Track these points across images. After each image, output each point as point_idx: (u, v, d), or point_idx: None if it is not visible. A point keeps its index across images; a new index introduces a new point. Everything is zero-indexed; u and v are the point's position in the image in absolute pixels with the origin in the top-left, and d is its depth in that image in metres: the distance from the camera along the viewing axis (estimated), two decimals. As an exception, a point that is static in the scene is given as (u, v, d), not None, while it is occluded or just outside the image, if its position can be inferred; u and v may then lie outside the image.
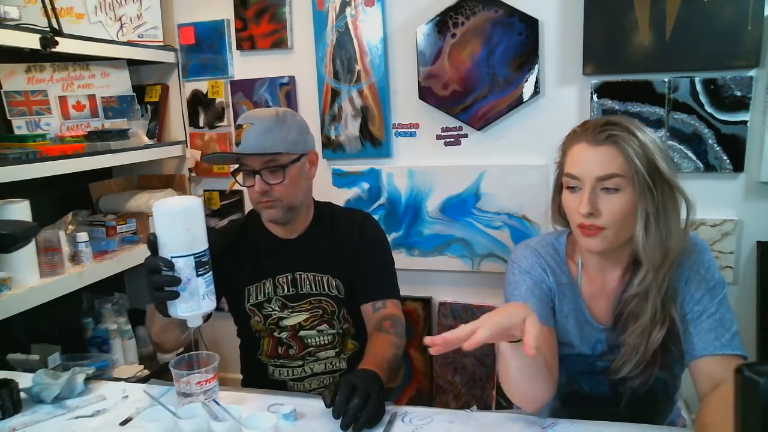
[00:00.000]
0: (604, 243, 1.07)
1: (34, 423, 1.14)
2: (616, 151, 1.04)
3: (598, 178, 1.04)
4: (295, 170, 1.37)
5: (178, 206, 1.01)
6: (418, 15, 2.15)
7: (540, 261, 1.19)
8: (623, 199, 1.04)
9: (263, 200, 1.36)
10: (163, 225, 1.01)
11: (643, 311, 1.09)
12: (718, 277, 1.11)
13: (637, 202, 1.04)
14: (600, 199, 1.05)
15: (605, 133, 1.05)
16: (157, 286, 1.01)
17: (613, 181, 1.04)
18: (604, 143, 1.05)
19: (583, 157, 1.07)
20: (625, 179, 1.04)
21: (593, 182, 1.05)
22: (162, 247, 1.01)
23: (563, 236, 1.22)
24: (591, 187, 1.05)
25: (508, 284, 1.22)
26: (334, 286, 1.43)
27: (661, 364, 1.12)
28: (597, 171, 1.04)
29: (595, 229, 1.05)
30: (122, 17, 2.31)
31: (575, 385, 1.20)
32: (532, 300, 1.15)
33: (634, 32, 1.93)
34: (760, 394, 0.62)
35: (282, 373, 1.46)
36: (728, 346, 1.04)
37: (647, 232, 1.05)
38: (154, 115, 2.51)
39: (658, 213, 1.05)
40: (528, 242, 1.25)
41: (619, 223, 1.05)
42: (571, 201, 1.09)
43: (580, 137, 1.08)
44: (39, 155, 1.79)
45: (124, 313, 2.33)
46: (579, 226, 1.08)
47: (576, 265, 1.19)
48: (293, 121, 1.39)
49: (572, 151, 1.09)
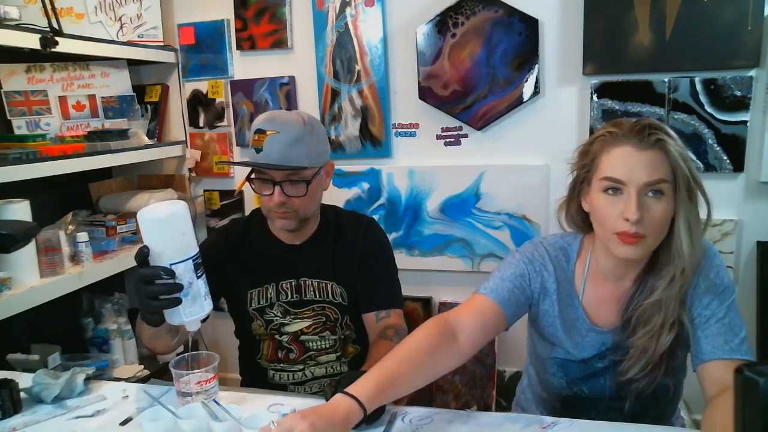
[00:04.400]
0: (643, 250, 1.04)
1: (34, 423, 1.14)
2: (663, 155, 1.01)
3: (647, 184, 1.01)
4: (316, 183, 1.33)
5: (171, 212, 0.99)
6: (418, 15, 2.15)
7: (543, 261, 1.18)
8: (665, 204, 1.02)
9: (279, 211, 1.31)
10: (157, 233, 0.99)
11: (655, 315, 1.07)
12: (728, 281, 1.10)
13: (679, 208, 1.02)
14: (644, 205, 1.02)
15: (653, 137, 1.01)
16: (154, 296, 0.99)
17: (659, 186, 1.01)
18: (651, 147, 1.01)
19: (628, 161, 1.02)
20: (669, 185, 1.02)
21: (640, 187, 1.01)
22: (158, 256, 0.99)
23: (576, 242, 1.20)
24: (638, 193, 1.01)
25: (504, 261, 1.21)
26: (338, 293, 1.42)
27: (666, 370, 1.11)
28: (645, 176, 1.01)
29: (637, 236, 1.02)
30: (122, 17, 2.31)
31: (575, 388, 1.20)
32: (507, 285, 1.15)
33: (634, 32, 1.93)
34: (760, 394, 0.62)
35: (282, 377, 1.45)
36: (737, 351, 1.04)
37: (691, 238, 1.03)
38: (154, 115, 2.51)
39: (697, 217, 1.04)
40: (541, 240, 1.23)
41: (659, 230, 1.03)
42: (611, 206, 1.04)
43: (621, 140, 1.04)
44: (39, 155, 1.79)
45: (124, 313, 2.33)
46: (620, 233, 1.03)
47: (583, 271, 1.17)
48: (319, 132, 1.34)
49: (613, 154, 1.05)
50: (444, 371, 1.08)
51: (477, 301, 1.15)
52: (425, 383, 1.05)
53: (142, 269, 1.00)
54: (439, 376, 1.08)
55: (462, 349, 1.08)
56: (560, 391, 1.21)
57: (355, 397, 0.93)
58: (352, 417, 0.92)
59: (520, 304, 1.16)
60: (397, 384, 0.99)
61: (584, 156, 1.12)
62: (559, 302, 1.17)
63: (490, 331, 1.13)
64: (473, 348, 1.10)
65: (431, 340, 1.05)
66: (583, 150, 1.13)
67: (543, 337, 1.21)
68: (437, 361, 1.05)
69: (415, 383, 1.02)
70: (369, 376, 0.98)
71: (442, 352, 1.05)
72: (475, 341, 1.10)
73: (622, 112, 1.99)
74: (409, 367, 1.01)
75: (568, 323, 1.17)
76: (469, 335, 1.09)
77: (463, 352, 1.08)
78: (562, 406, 1.22)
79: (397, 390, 1.00)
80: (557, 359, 1.18)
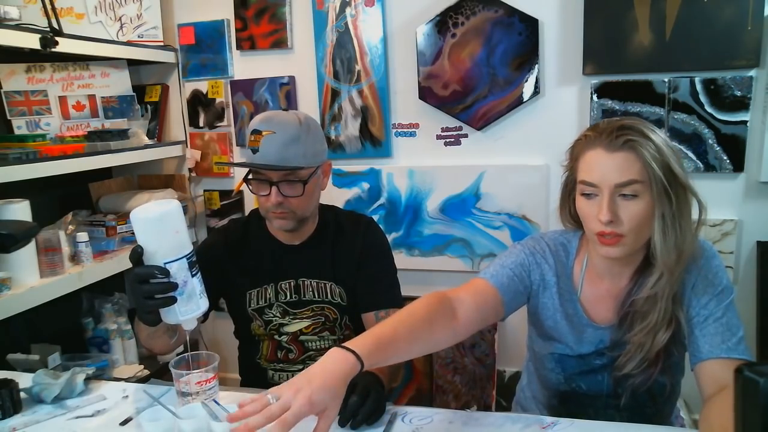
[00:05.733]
0: (623, 250, 1.06)
1: (34, 423, 1.14)
2: (634, 156, 1.02)
3: (617, 185, 1.02)
4: (313, 183, 1.33)
5: (164, 211, 0.99)
6: (418, 15, 2.15)
7: (544, 254, 1.19)
8: (641, 204, 1.03)
9: (276, 211, 1.32)
10: (150, 232, 0.99)
11: (651, 312, 1.08)
12: (726, 282, 1.10)
13: (655, 206, 1.03)
14: (619, 206, 1.03)
15: (622, 138, 1.02)
16: (149, 295, 0.99)
17: (631, 188, 1.02)
18: (621, 149, 1.02)
19: (599, 164, 1.04)
20: (643, 185, 1.02)
21: (612, 189, 1.03)
22: (152, 255, 0.99)
23: (576, 238, 1.21)
24: (609, 195, 1.03)
25: (505, 251, 1.22)
26: (337, 293, 1.42)
27: (662, 367, 1.12)
28: (615, 178, 1.02)
29: (615, 236, 1.03)
30: (122, 17, 2.32)
31: (572, 384, 1.20)
32: (507, 272, 1.16)
33: (634, 32, 1.93)
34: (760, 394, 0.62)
35: (282, 377, 1.45)
36: (734, 350, 1.04)
37: (665, 236, 1.04)
38: (154, 115, 2.51)
39: (674, 216, 1.04)
40: (542, 235, 1.24)
41: (638, 229, 1.04)
42: (588, 208, 1.07)
43: (594, 143, 1.06)
44: (39, 155, 1.79)
45: (124, 313, 2.33)
46: (598, 234, 1.05)
47: (581, 268, 1.18)
48: (316, 132, 1.33)
49: (586, 157, 1.07)
50: (439, 345, 1.06)
51: (476, 284, 1.15)
52: (420, 353, 1.02)
53: (137, 269, 1.00)
54: (434, 349, 1.06)
55: (459, 326, 1.06)
56: (558, 387, 1.21)
57: (353, 351, 0.89)
58: (349, 372, 0.87)
59: (518, 293, 1.17)
60: (394, 345, 0.96)
61: (569, 158, 1.14)
62: (560, 296, 1.18)
63: (487, 314, 1.12)
64: (469, 327, 1.09)
65: (430, 309, 1.04)
66: (569, 152, 1.15)
67: (542, 332, 1.22)
68: (434, 331, 1.03)
69: (411, 349, 0.99)
70: (367, 334, 0.95)
71: (440, 324, 1.04)
72: (472, 321, 1.09)
73: (622, 112, 1.99)
74: (407, 332, 0.98)
75: (567, 318, 1.18)
76: (467, 313, 1.08)
77: (459, 329, 1.07)
78: (560, 402, 1.23)
79: (395, 352, 0.96)
80: (555, 355, 1.19)
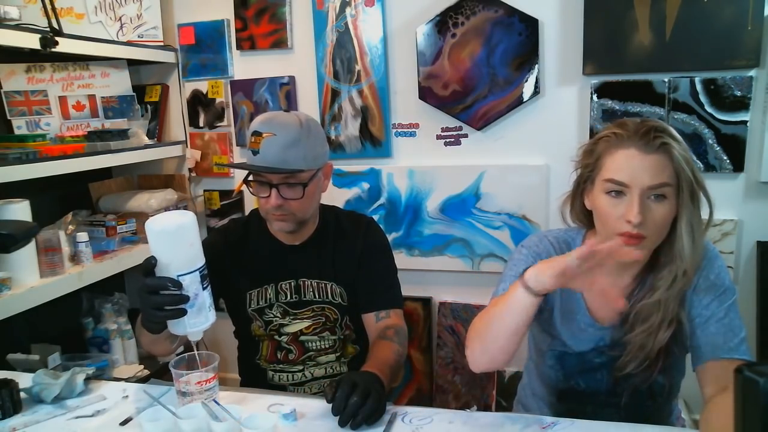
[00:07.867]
0: (644, 252, 1.06)
1: (34, 423, 1.14)
2: (667, 159, 1.02)
3: (650, 187, 1.02)
4: (313, 185, 1.33)
5: (180, 223, 0.99)
6: (418, 15, 2.15)
7: (549, 253, 1.18)
8: (667, 207, 1.03)
9: (276, 213, 1.31)
10: (165, 244, 0.99)
11: (654, 312, 1.08)
12: (728, 283, 1.10)
13: (681, 210, 1.04)
14: (646, 208, 1.03)
15: (659, 141, 1.02)
16: (159, 306, 0.99)
17: (662, 190, 1.02)
18: (656, 151, 1.02)
19: (632, 165, 1.03)
20: (671, 188, 1.03)
21: (643, 190, 1.02)
22: (165, 267, 0.99)
23: (579, 236, 1.20)
24: (640, 196, 1.02)
25: (510, 261, 1.20)
26: (337, 293, 1.42)
27: (662, 367, 1.12)
28: (648, 180, 1.02)
29: (639, 237, 1.03)
30: (122, 17, 2.32)
31: (571, 381, 1.20)
32: None
33: (634, 32, 1.93)
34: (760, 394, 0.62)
35: (282, 378, 1.45)
36: (736, 351, 1.04)
37: (692, 239, 1.04)
38: (154, 115, 2.51)
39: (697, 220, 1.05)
40: (545, 233, 1.23)
41: (660, 231, 1.04)
42: (613, 208, 1.05)
43: (626, 142, 1.05)
44: (39, 155, 1.79)
45: (124, 313, 2.33)
46: (623, 234, 1.04)
47: None
48: (317, 134, 1.32)
49: (616, 156, 1.05)
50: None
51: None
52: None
53: (149, 279, 1.00)
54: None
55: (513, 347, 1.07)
56: (557, 384, 1.21)
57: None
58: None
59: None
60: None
61: (588, 155, 1.12)
62: (561, 293, 1.17)
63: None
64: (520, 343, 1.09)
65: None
66: (588, 149, 1.13)
67: (542, 329, 1.22)
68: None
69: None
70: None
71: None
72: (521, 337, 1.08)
73: (622, 112, 1.99)
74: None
75: (568, 315, 1.17)
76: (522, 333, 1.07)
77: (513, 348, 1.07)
78: (559, 399, 1.23)
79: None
80: (555, 351, 1.19)
